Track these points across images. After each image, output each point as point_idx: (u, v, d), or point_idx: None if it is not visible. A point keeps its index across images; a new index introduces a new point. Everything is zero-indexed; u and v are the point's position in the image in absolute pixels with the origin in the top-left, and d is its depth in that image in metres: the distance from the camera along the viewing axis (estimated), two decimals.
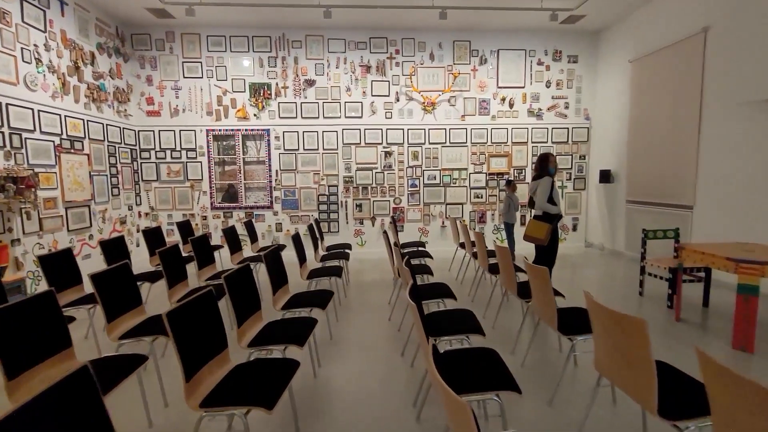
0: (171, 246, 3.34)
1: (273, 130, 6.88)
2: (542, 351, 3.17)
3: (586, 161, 7.33)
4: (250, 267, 2.66)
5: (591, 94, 7.22)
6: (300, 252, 3.85)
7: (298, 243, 3.84)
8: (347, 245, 5.48)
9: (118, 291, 2.60)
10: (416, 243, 5.60)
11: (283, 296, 3.12)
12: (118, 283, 2.62)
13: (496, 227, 7.30)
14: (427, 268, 3.98)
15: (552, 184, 4.11)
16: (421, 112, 7.03)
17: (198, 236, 3.89)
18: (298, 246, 3.84)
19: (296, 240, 3.84)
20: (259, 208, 6.98)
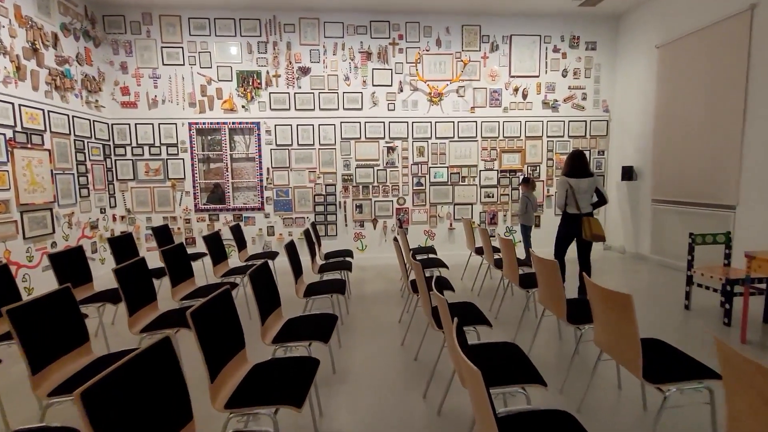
0: (131, 262, 2.68)
1: (263, 124, 6.21)
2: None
3: (605, 157, 6.76)
4: (229, 293, 2.01)
5: (610, 84, 6.65)
6: (295, 265, 3.20)
7: (292, 254, 3.20)
8: (348, 252, 4.84)
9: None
10: (426, 249, 4.98)
11: (274, 324, 2.48)
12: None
13: (508, 229, 6.71)
14: (446, 282, 3.36)
15: None
16: (426, 104, 6.41)
17: (171, 247, 3.22)
18: (293, 257, 3.20)
19: (290, 250, 3.19)
20: (248, 210, 6.31)
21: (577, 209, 3.83)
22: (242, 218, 6.30)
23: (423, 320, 3.62)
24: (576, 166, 3.88)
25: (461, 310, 2.70)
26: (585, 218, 3.81)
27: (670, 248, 5.61)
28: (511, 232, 6.71)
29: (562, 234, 4.00)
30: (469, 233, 4.91)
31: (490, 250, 4.12)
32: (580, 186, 3.80)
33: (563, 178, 3.90)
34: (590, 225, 3.77)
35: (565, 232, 3.96)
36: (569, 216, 3.89)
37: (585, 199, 3.83)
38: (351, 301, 4.37)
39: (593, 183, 3.84)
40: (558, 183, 4.02)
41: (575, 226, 3.86)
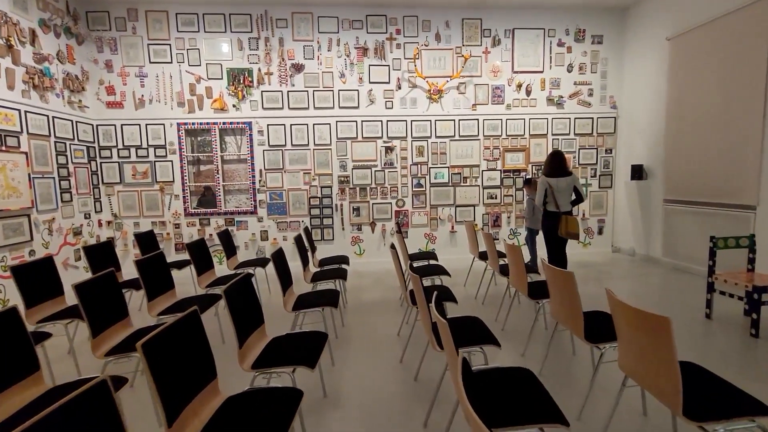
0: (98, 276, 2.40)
1: (255, 124, 5.94)
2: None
3: (612, 155, 6.48)
4: (197, 315, 1.73)
5: (618, 80, 6.37)
6: (283, 275, 2.93)
7: (280, 264, 2.92)
8: (344, 258, 4.56)
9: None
10: (426, 254, 4.70)
11: (256, 344, 2.20)
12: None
13: (512, 231, 6.42)
14: (447, 294, 3.08)
15: None
16: (426, 101, 6.14)
17: (146, 257, 2.94)
18: (281, 267, 2.92)
19: (278, 260, 2.91)
20: (240, 214, 6.04)
21: (556, 207, 4.05)
22: (234, 222, 6.03)
23: (424, 334, 3.34)
24: (555, 166, 4.07)
25: (466, 327, 2.42)
26: (563, 216, 4.02)
27: (684, 251, 5.32)
28: (516, 234, 6.42)
29: (545, 230, 4.21)
30: (472, 237, 4.63)
31: (494, 256, 3.84)
32: (559, 185, 4.01)
33: (543, 178, 4.09)
34: (566, 223, 3.97)
35: (547, 228, 4.17)
36: (549, 213, 4.13)
37: (564, 197, 4.03)
38: (346, 311, 4.09)
39: (572, 182, 4.04)
40: (538, 183, 4.20)
41: (553, 223, 4.08)
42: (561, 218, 4.02)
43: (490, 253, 3.94)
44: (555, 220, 4.06)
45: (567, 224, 4.00)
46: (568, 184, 4.06)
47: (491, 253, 3.90)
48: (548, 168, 4.15)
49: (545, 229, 4.20)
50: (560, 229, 4.02)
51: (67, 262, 5.02)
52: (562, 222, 4.01)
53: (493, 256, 3.89)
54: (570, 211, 4.11)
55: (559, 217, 4.04)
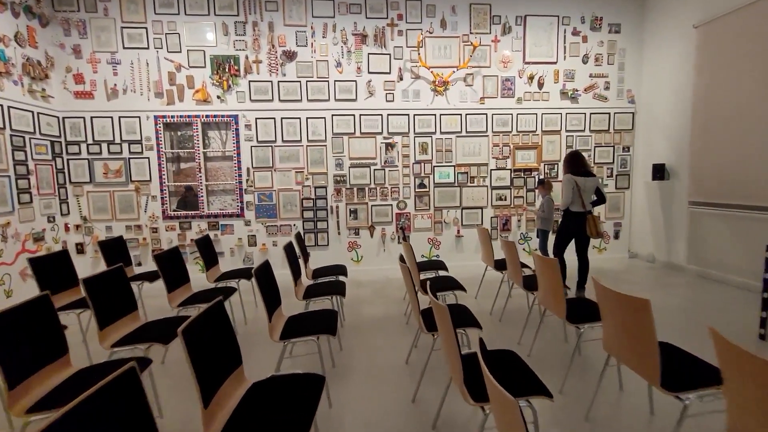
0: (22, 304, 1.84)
1: (242, 117, 5.37)
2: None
3: (630, 154, 6.01)
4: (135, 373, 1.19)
5: (636, 72, 5.90)
6: (268, 298, 2.38)
7: (264, 282, 2.37)
8: (341, 269, 4.02)
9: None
10: (433, 264, 4.17)
11: (229, 395, 1.65)
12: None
13: (522, 236, 5.93)
14: (470, 317, 2.56)
15: None
16: (430, 94, 5.61)
17: (95, 275, 2.37)
18: (265, 286, 2.37)
19: (263, 278, 2.37)
20: (225, 217, 5.46)
21: (582, 207, 3.94)
22: (219, 226, 5.45)
23: (439, 365, 2.81)
24: (580, 166, 3.98)
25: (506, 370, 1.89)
26: (589, 216, 3.94)
27: (713, 258, 4.86)
28: (527, 239, 5.93)
29: (564, 232, 4.08)
30: (486, 244, 4.11)
31: (517, 267, 3.33)
32: (587, 185, 3.92)
33: (569, 176, 3.95)
34: (595, 222, 3.92)
35: (568, 229, 4.04)
36: (573, 214, 3.98)
37: (588, 197, 3.97)
38: (344, 330, 3.55)
39: (596, 182, 4.00)
40: (564, 181, 4.01)
41: (578, 223, 3.96)
42: (588, 218, 3.95)
43: (511, 264, 3.43)
44: (582, 219, 3.96)
45: (596, 224, 3.95)
46: (593, 184, 3.98)
47: (513, 265, 3.38)
48: (572, 166, 4.01)
49: (569, 230, 4.04)
50: (589, 230, 3.94)
51: (25, 272, 4.41)
52: (590, 222, 3.94)
53: (515, 268, 3.37)
54: (591, 211, 4.03)
55: (586, 217, 3.95)
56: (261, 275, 2.36)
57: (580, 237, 4.01)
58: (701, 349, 2.05)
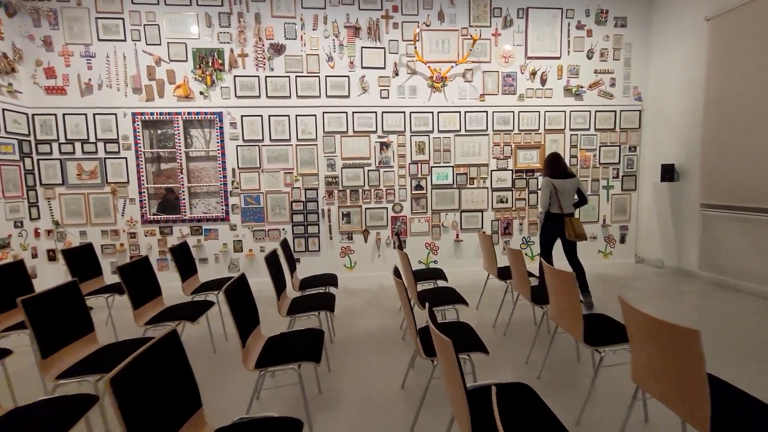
0: None
1: (227, 114, 5.03)
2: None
3: (637, 154, 5.73)
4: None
5: (643, 68, 5.63)
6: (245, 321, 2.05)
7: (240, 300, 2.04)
8: (331, 278, 3.69)
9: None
10: (431, 272, 3.85)
11: None
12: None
13: (525, 240, 5.63)
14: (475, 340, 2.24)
15: None
16: (427, 90, 5.30)
17: (43, 293, 2.03)
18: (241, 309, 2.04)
19: (235, 296, 2.03)
20: (209, 221, 5.11)
21: (559, 209, 3.93)
22: (202, 231, 5.11)
23: (440, 391, 2.49)
24: (558, 168, 3.97)
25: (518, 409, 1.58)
26: (567, 218, 3.91)
27: (728, 264, 4.58)
28: (529, 244, 5.63)
29: (547, 233, 4.08)
30: (489, 251, 3.79)
31: (524, 279, 3.02)
32: (564, 186, 3.91)
33: (547, 179, 3.95)
34: (573, 225, 3.89)
35: (550, 231, 4.04)
36: (553, 216, 3.99)
37: (567, 199, 3.95)
38: (334, 348, 3.22)
39: (576, 183, 3.96)
40: (542, 184, 4.01)
41: (559, 225, 3.95)
42: (566, 221, 3.91)
43: (517, 274, 3.12)
44: (560, 223, 3.94)
45: (574, 226, 3.89)
46: (573, 185, 3.93)
47: (519, 275, 3.07)
48: (550, 169, 3.99)
49: (550, 233, 4.04)
50: (567, 233, 3.89)
51: None
52: (568, 225, 3.89)
53: (521, 279, 3.06)
54: (572, 213, 3.98)
55: (564, 220, 3.92)
56: (233, 294, 2.03)
57: (564, 241, 3.97)
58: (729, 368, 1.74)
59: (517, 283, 3.16)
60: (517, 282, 3.16)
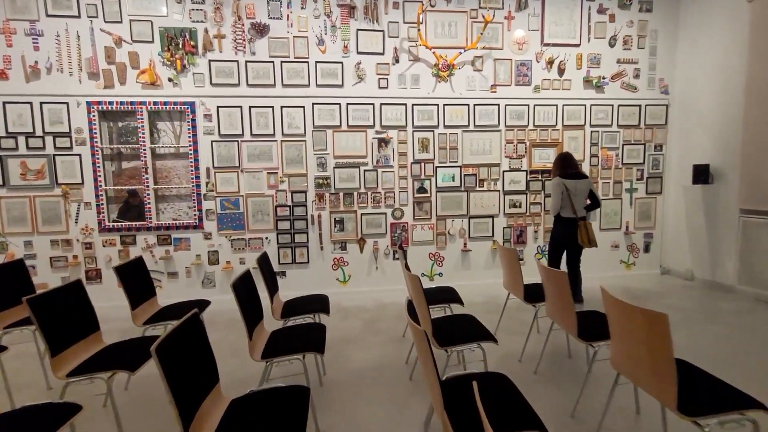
0: None
1: (201, 105, 4.33)
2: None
3: (663, 153, 5.16)
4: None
5: (669, 58, 5.06)
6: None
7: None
8: (320, 301, 3.01)
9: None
10: (441, 293, 3.19)
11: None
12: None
13: (540, 249, 5.01)
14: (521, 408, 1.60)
15: None
16: (432, 80, 4.67)
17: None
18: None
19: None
20: (180, 229, 4.40)
21: (573, 212, 3.69)
22: (171, 240, 4.39)
23: None
24: (570, 168, 3.73)
25: None
26: (581, 222, 3.67)
27: None
28: (544, 253, 5.02)
29: (557, 239, 3.82)
30: (512, 268, 3.14)
31: (568, 307, 2.37)
32: (577, 187, 3.67)
33: (558, 179, 3.69)
34: (587, 230, 3.66)
35: (561, 236, 3.77)
36: (564, 220, 3.74)
37: (580, 201, 3.71)
38: (323, 392, 2.54)
39: (589, 185, 3.73)
40: (552, 185, 3.75)
41: (569, 230, 3.70)
42: (579, 225, 3.65)
43: (557, 299, 2.47)
44: (572, 227, 3.68)
45: (588, 231, 3.65)
46: (585, 186, 3.69)
47: (560, 301, 2.42)
48: (561, 170, 3.74)
49: (561, 238, 3.77)
50: (580, 238, 3.64)
51: None
52: (582, 229, 3.65)
53: (563, 306, 2.41)
54: (585, 217, 3.72)
55: (577, 224, 3.66)
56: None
57: (572, 246, 3.74)
58: None
59: (557, 309, 2.52)
60: (557, 308, 2.52)
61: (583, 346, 2.94)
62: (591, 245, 3.70)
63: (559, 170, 3.77)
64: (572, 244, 3.73)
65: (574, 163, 3.80)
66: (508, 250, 3.13)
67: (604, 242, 5.04)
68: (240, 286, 2.15)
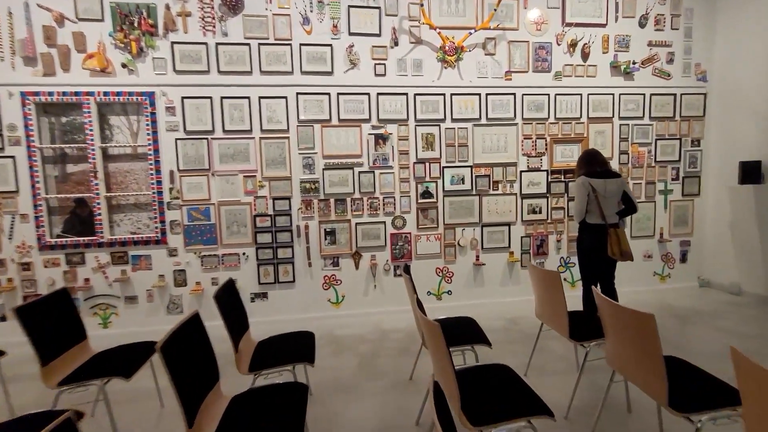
0: None
1: (162, 95, 3.62)
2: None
3: (701, 149, 4.52)
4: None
5: (707, 41, 4.43)
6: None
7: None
8: (304, 343, 2.30)
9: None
10: (459, 327, 2.50)
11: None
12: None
13: (563, 261, 4.34)
14: None
15: None
16: (437, 66, 4.00)
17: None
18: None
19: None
20: (139, 245, 3.67)
21: (601, 218, 3.09)
22: (128, 259, 3.66)
23: None
24: (597, 165, 3.15)
25: None
26: (612, 230, 3.06)
27: None
28: (567, 266, 4.34)
29: (586, 249, 3.19)
30: (553, 296, 2.43)
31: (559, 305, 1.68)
32: (607, 188, 3.09)
33: (583, 179, 3.12)
34: (619, 239, 3.07)
35: (589, 246, 3.16)
36: (590, 227, 3.15)
37: (611, 205, 3.12)
38: None
39: (621, 185, 3.13)
40: (576, 186, 3.16)
41: (597, 240, 3.10)
42: (611, 233, 3.04)
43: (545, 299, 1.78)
44: (601, 235, 3.07)
45: (620, 241, 3.05)
46: (617, 187, 3.08)
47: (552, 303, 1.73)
48: (587, 167, 3.14)
49: (587, 249, 3.18)
50: (611, 249, 3.03)
51: None
52: (613, 238, 3.04)
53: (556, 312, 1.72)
54: (617, 224, 3.11)
55: (607, 232, 3.05)
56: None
57: (601, 258, 3.08)
58: None
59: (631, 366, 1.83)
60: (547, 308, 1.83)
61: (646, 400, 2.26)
62: (624, 258, 3.04)
63: (584, 168, 3.19)
64: (602, 255, 3.11)
65: (602, 160, 3.20)
66: (547, 273, 2.43)
67: (636, 252, 4.35)
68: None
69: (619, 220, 3.18)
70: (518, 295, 4.20)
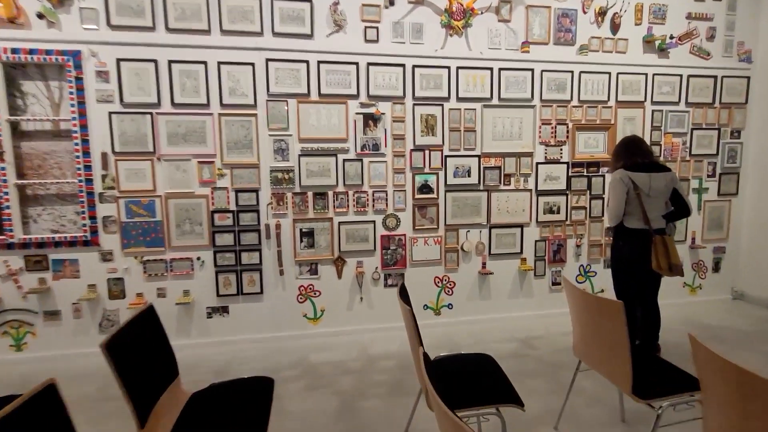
0: None
1: (91, 56, 2.83)
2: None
3: (741, 141, 3.92)
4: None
5: (754, 15, 3.82)
6: None
7: None
8: (258, 397, 1.59)
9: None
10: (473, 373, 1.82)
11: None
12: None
13: (583, 270, 3.71)
14: None
15: None
16: (441, 32, 3.28)
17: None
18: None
19: None
20: (62, 246, 2.90)
21: (644, 222, 2.47)
22: (48, 264, 2.89)
23: None
24: (640, 155, 2.53)
25: None
26: (657, 238, 2.44)
27: None
28: (588, 276, 3.71)
29: (622, 259, 2.60)
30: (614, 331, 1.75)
31: None
32: (652, 185, 2.46)
33: (621, 172, 2.51)
34: (666, 249, 2.41)
35: (628, 256, 2.55)
36: (630, 233, 2.53)
37: (656, 206, 2.49)
38: None
39: (670, 182, 2.50)
40: (613, 181, 2.56)
41: (638, 248, 2.48)
42: (656, 241, 2.45)
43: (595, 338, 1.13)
44: (644, 243, 2.48)
45: (669, 252, 2.43)
46: (665, 185, 2.50)
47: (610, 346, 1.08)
48: (627, 158, 2.57)
49: (625, 259, 2.62)
50: (656, 261, 2.43)
51: None
52: (659, 247, 2.44)
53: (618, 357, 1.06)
54: (664, 230, 2.54)
55: (651, 240, 2.46)
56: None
57: (643, 269, 2.52)
58: None
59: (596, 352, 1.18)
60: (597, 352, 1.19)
61: None
62: (673, 273, 2.47)
63: (623, 160, 2.60)
64: (644, 266, 2.52)
65: (646, 149, 2.63)
66: (601, 301, 1.73)
67: None
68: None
69: (666, 225, 2.59)
70: (531, 309, 3.57)
